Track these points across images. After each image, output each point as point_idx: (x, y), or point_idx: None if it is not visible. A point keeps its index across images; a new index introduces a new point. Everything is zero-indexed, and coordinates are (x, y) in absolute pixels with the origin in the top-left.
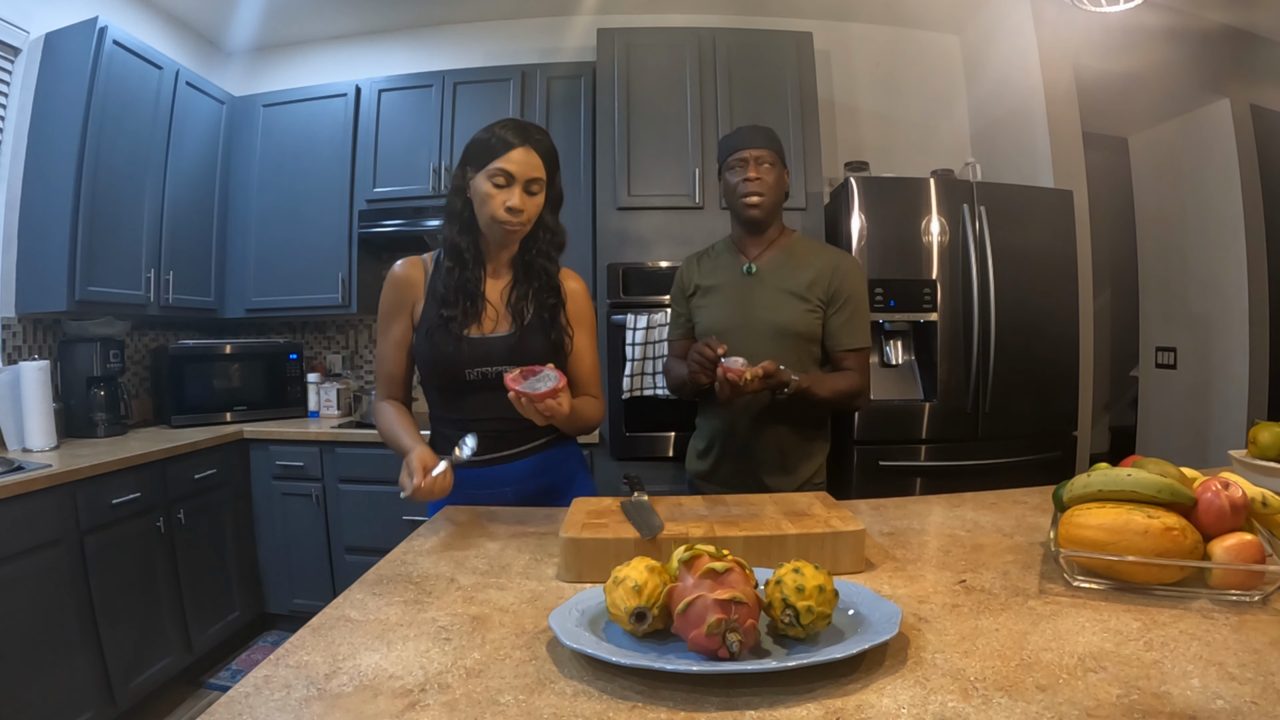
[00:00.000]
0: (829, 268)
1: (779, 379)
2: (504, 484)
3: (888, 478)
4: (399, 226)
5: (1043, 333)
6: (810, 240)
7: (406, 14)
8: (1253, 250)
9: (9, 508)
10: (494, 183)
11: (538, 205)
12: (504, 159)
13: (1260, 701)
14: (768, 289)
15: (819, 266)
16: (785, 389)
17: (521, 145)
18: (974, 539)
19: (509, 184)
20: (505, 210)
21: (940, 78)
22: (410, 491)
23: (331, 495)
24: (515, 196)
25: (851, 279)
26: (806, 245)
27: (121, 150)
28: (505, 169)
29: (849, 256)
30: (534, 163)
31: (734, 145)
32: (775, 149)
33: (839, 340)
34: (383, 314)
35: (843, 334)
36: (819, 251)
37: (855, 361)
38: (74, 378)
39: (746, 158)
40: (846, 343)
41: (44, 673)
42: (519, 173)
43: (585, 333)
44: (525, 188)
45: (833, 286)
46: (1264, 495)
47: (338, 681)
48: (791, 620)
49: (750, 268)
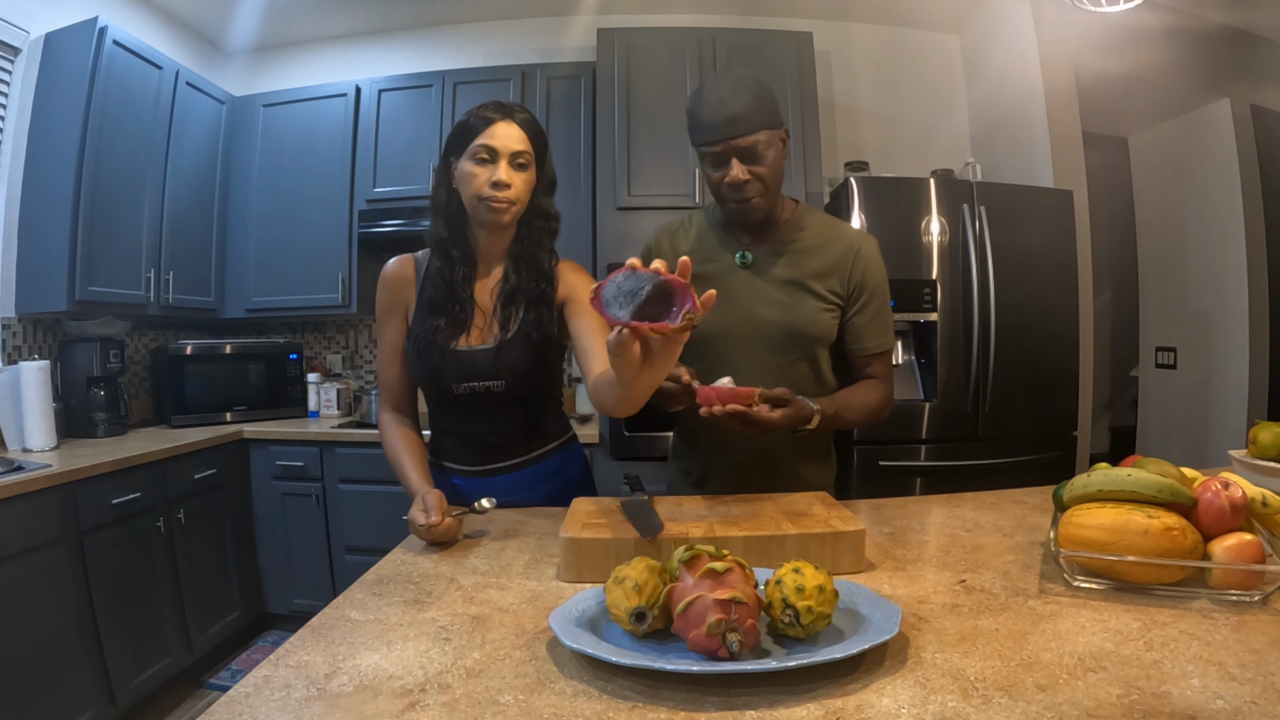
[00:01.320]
0: (847, 253)
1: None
2: (502, 494)
3: (888, 478)
4: (399, 226)
5: (1043, 333)
6: (818, 215)
7: (406, 14)
8: (1253, 250)
9: (9, 508)
10: (476, 158)
11: (526, 183)
12: (486, 135)
13: (1260, 701)
14: (769, 281)
15: (834, 252)
16: (807, 425)
17: (503, 119)
18: (974, 539)
19: (493, 159)
20: (490, 186)
21: (940, 78)
22: (425, 530)
23: (331, 495)
24: (500, 171)
25: (875, 266)
26: (816, 223)
27: (121, 150)
28: (487, 144)
29: (868, 237)
30: (517, 135)
31: (708, 131)
32: (767, 121)
33: (863, 342)
34: (379, 316)
35: (867, 334)
36: (832, 231)
37: (881, 366)
38: (74, 378)
39: (729, 151)
40: (872, 345)
41: (44, 673)
42: (502, 146)
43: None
44: (511, 161)
45: (854, 277)
46: (1264, 495)
47: (338, 681)
48: (791, 620)
49: (745, 256)
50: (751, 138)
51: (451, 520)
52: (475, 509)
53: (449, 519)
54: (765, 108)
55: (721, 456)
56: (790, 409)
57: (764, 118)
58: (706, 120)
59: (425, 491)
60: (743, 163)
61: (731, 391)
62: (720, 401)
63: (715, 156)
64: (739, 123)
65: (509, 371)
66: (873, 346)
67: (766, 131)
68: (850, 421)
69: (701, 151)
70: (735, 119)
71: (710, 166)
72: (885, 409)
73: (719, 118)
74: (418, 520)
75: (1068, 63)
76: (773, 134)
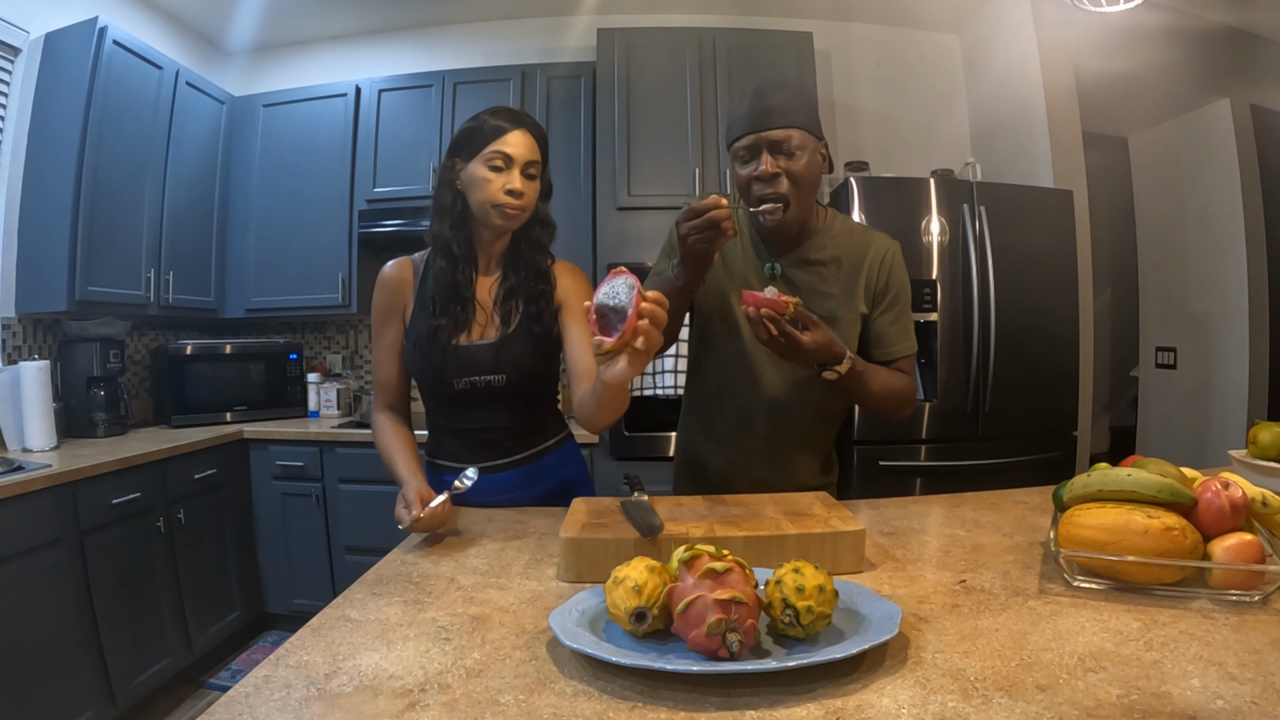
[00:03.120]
0: (874, 258)
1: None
2: (500, 492)
3: (888, 478)
4: (399, 226)
5: (1043, 333)
6: (847, 221)
7: (406, 14)
8: (1253, 250)
9: (9, 508)
10: (491, 166)
11: (535, 190)
12: (501, 142)
13: (1260, 701)
14: (800, 294)
15: (862, 260)
16: (836, 366)
17: (518, 127)
18: (974, 539)
19: (508, 167)
20: (505, 193)
21: (940, 78)
22: (409, 524)
23: (331, 495)
24: (515, 179)
25: (900, 269)
26: (843, 229)
27: (121, 150)
28: (503, 151)
29: (893, 242)
30: (530, 144)
31: (742, 124)
32: (803, 122)
33: (889, 346)
34: (375, 318)
35: (892, 337)
36: (860, 238)
37: (906, 368)
38: (74, 378)
39: (759, 144)
40: (898, 348)
41: (44, 673)
42: (518, 155)
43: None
44: (524, 170)
45: (880, 281)
46: (1264, 495)
47: (338, 681)
48: (791, 620)
49: (775, 268)
50: (784, 131)
51: (435, 509)
52: (455, 489)
53: (431, 509)
54: (803, 109)
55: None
56: (822, 336)
57: (799, 116)
58: (741, 115)
59: (406, 487)
60: (772, 155)
61: (770, 299)
62: (757, 305)
63: (746, 150)
64: (773, 115)
65: (511, 366)
66: (897, 351)
67: (800, 132)
68: (872, 393)
69: (734, 150)
70: (769, 111)
71: (740, 165)
72: (909, 401)
73: (754, 109)
74: (401, 519)
75: (1068, 63)
76: (807, 137)
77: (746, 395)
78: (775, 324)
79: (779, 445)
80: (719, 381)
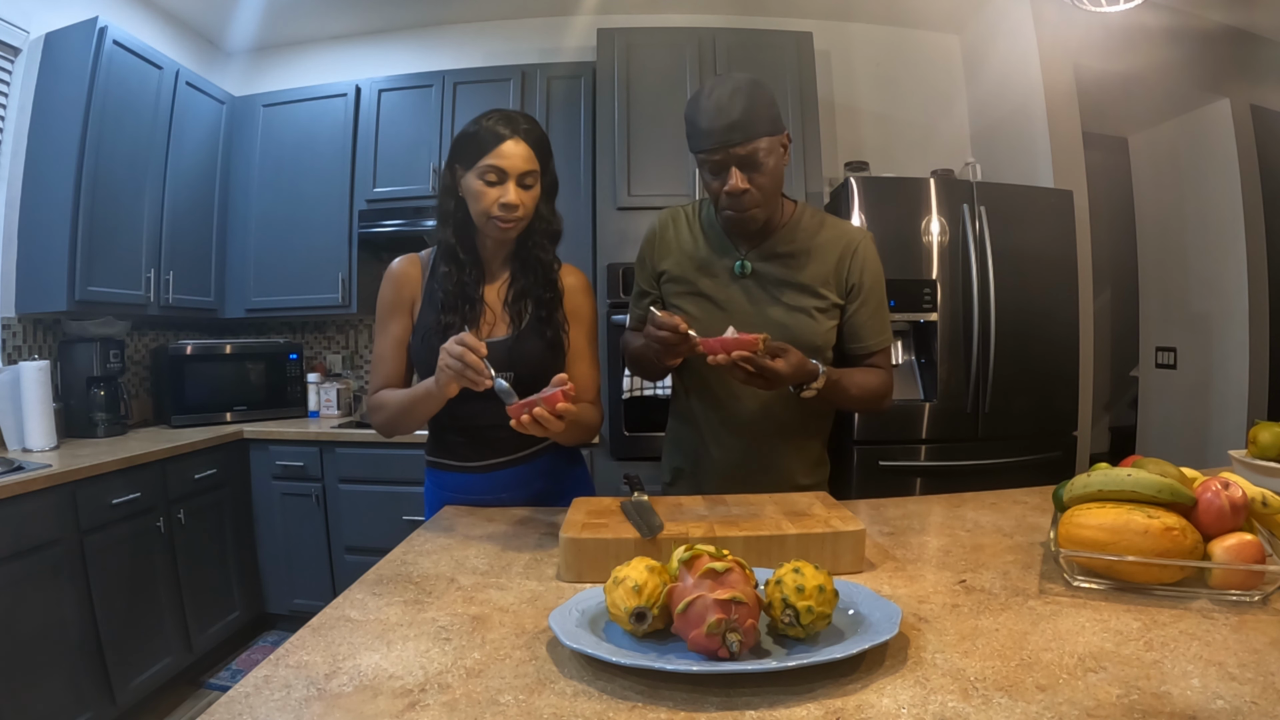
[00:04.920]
0: (845, 251)
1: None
2: (501, 490)
3: (888, 478)
4: (399, 226)
5: (1043, 333)
6: (816, 214)
7: (406, 14)
8: (1253, 250)
9: (9, 508)
10: (485, 180)
11: (534, 198)
12: (494, 154)
13: (1260, 701)
14: (768, 292)
15: (833, 252)
16: (811, 384)
17: (510, 137)
18: (974, 539)
19: (501, 180)
20: (499, 207)
21: (940, 78)
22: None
23: (331, 495)
24: (509, 192)
25: (872, 262)
26: (813, 222)
27: (121, 150)
28: (496, 165)
29: (866, 234)
30: (525, 154)
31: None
32: (767, 128)
33: (864, 339)
34: (381, 312)
35: (867, 331)
36: (829, 230)
37: (882, 361)
38: (74, 378)
39: (728, 160)
40: (873, 341)
41: (44, 672)
42: (511, 167)
43: (583, 331)
44: (519, 182)
45: (851, 275)
46: (1264, 495)
47: (338, 681)
48: (791, 620)
49: (744, 265)
50: (751, 145)
51: (477, 360)
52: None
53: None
54: (765, 113)
55: (714, 456)
56: (795, 359)
57: (763, 124)
58: (705, 127)
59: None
60: (742, 170)
61: (736, 340)
62: (725, 350)
63: (714, 164)
64: (737, 130)
65: (523, 362)
66: (872, 344)
67: (767, 139)
68: (851, 397)
69: (700, 159)
70: (734, 126)
71: (709, 174)
72: (886, 397)
73: (717, 125)
74: (452, 349)
75: (1068, 63)
76: (773, 140)
77: (731, 394)
78: (750, 363)
79: (766, 443)
80: (703, 380)
